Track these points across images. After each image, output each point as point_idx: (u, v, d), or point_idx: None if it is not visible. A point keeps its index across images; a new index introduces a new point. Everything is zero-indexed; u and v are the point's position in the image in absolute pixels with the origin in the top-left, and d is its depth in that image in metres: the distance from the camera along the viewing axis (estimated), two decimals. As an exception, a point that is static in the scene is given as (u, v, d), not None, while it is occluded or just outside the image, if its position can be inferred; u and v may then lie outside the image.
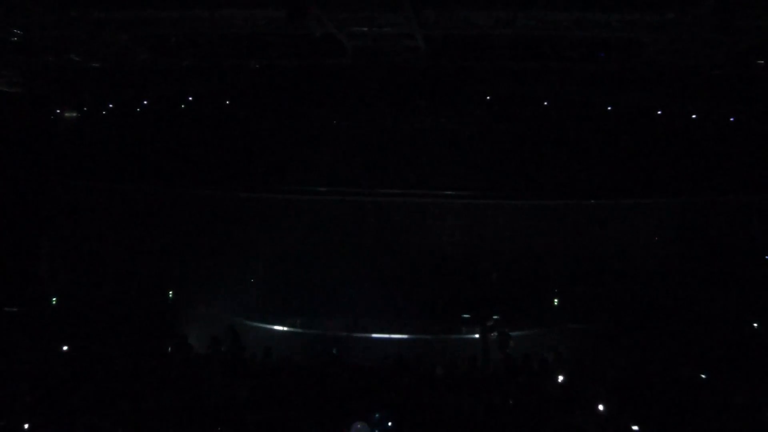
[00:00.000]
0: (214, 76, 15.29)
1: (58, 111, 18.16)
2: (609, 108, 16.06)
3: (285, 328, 14.93)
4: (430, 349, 13.46)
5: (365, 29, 10.84)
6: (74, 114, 18.33)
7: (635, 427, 8.46)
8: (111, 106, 17.79)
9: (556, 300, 17.16)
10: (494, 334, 14.59)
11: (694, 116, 15.82)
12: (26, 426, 8.53)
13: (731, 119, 15.70)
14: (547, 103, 16.23)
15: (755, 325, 14.61)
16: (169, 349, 12.69)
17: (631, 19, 9.93)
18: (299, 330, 14.86)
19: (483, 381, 10.66)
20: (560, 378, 10.66)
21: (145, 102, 17.53)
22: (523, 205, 18.38)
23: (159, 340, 13.09)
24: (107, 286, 17.00)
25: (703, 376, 10.64)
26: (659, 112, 16.07)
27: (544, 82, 14.84)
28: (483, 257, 18.49)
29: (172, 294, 17.50)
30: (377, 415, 8.38)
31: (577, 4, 9.62)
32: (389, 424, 8.45)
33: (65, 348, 12.21)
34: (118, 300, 16.21)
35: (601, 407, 9.07)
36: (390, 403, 9.48)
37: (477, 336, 15.10)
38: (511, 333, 14.42)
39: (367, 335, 14.64)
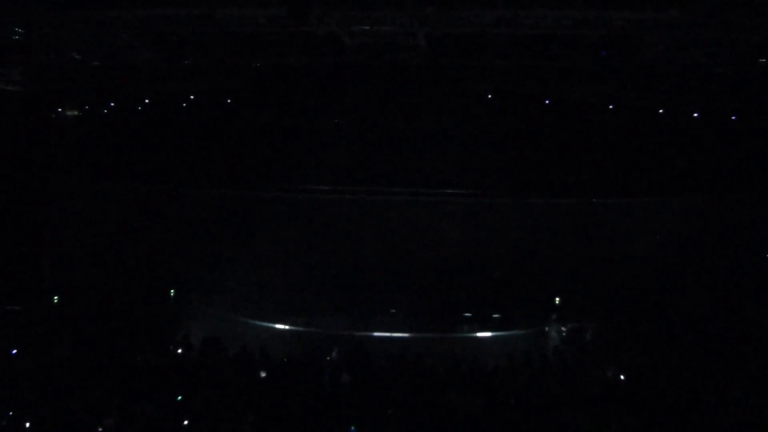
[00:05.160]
0: (216, 74, 15.29)
1: (59, 109, 18.16)
2: (610, 107, 16.03)
3: (286, 327, 14.93)
4: (431, 348, 13.44)
5: (366, 28, 10.84)
6: (75, 113, 18.33)
7: None
8: (112, 104, 17.78)
9: (557, 299, 17.16)
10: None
11: (695, 115, 15.79)
12: (27, 425, 8.54)
13: (733, 118, 15.66)
14: (548, 101, 16.21)
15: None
16: (171, 348, 12.69)
17: (632, 18, 9.91)
18: (300, 329, 14.85)
19: (483, 381, 10.65)
20: (560, 378, 10.65)
21: (147, 101, 17.52)
22: (523, 204, 18.37)
23: (161, 339, 13.10)
24: (108, 285, 17.01)
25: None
26: (661, 111, 16.04)
27: (546, 81, 14.82)
28: (484, 256, 18.49)
29: (174, 293, 17.52)
30: (353, 428, 8.46)
31: (578, 3, 9.60)
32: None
33: (66, 347, 12.22)
34: (119, 299, 16.21)
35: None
36: (391, 402, 9.49)
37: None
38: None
39: (369, 334, 14.63)
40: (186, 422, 8.71)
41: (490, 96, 16.29)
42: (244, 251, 18.11)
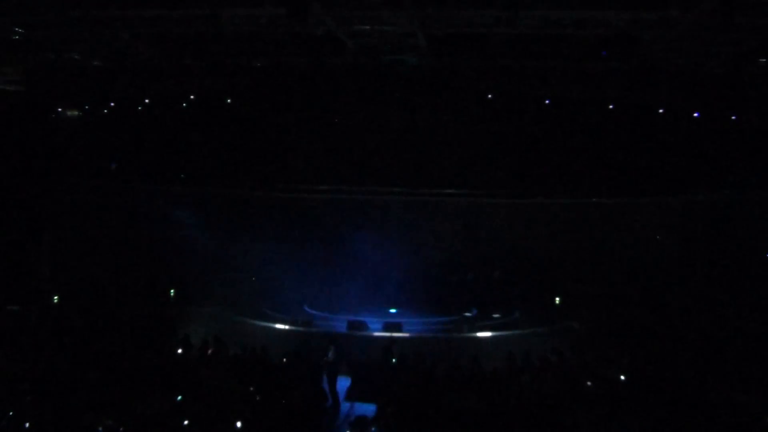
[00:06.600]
0: (216, 74, 15.30)
1: (60, 109, 18.16)
2: (611, 107, 16.02)
3: (286, 327, 14.92)
4: (431, 347, 13.43)
5: (366, 28, 10.83)
6: (75, 112, 18.33)
7: None
8: (112, 104, 17.79)
9: (557, 299, 17.15)
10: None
11: (696, 115, 15.79)
12: (27, 425, 8.52)
13: (732, 117, 15.66)
14: (549, 101, 16.21)
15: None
16: (171, 348, 12.67)
17: (632, 18, 9.91)
18: (300, 329, 14.84)
19: (484, 380, 10.64)
20: (560, 378, 10.65)
21: (147, 100, 17.53)
22: (524, 203, 18.38)
23: (160, 339, 13.08)
24: (108, 284, 17.01)
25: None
26: (661, 111, 16.04)
27: (546, 81, 14.82)
28: (484, 256, 18.49)
29: (174, 293, 17.51)
30: (374, 429, 8.46)
31: (578, 3, 9.59)
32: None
33: (66, 347, 12.20)
34: (119, 299, 16.21)
35: None
36: (390, 401, 9.48)
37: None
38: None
39: (368, 334, 14.61)
40: (186, 422, 8.69)
41: (490, 96, 16.30)
42: (244, 251, 18.13)
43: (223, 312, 15.89)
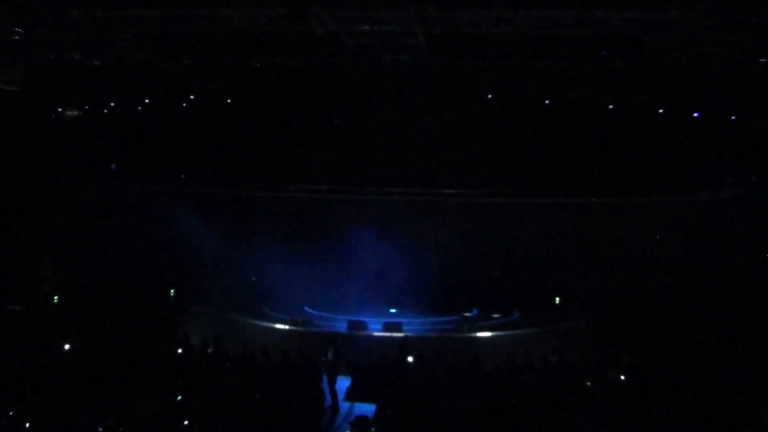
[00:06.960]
0: (216, 74, 15.31)
1: (60, 109, 18.16)
2: (611, 107, 16.02)
3: (285, 327, 14.92)
4: (431, 347, 13.44)
5: (366, 28, 10.83)
6: (75, 112, 18.33)
7: None
8: (112, 104, 17.80)
9: (557, 299, 17.14)
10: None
11: (696, 115, 15.79)
12: (27, 425, 8.53)
13: (733, 118, 15.66)
14: (549, 101, 16.21)
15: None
16: (171, 348, 12.68)
17: (632, 18, 9.91)
18: (299, 329, 14.85)
19: (484, 380, 10.65)
20: (560, 378, 10.65)
21: (147, 101, 17.54)
22: (524, 203, 18.37)
23: (161, 339, 13.10)
24: (108, 284, 17.01)
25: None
26: (660, 111, 16.04)
27: (546, 81, 14.82)
28: (484, 256, 18.49)
29: (174, 293, 17.51)
30: (373, 429, 8.47)
31: (578, 3, 9.59)
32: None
33: (67, 347, 12.22)
34: (119, 299, 16.22)
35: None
36: (390, 401, 9.49)
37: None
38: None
39: (368, 333, 14.61)
40: (186, 422, 8.70)
41: (490, 96, 16.30)
42: (244, 251, 18.13)
43: (223, 312, 15.88)
